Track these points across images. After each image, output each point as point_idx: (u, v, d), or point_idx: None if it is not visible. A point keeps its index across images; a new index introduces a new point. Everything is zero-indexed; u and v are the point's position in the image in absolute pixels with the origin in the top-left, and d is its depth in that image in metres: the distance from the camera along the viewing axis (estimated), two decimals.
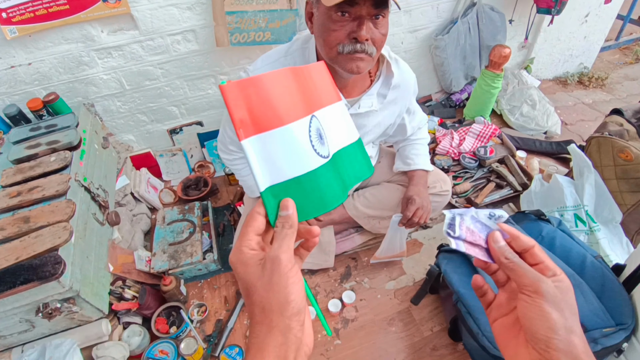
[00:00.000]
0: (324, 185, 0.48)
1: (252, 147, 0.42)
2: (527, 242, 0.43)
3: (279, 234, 0.41)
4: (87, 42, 1.58)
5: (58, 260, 1.12)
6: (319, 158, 0.48)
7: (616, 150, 1.50)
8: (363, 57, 0.95)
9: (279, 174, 0.44)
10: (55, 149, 1.42)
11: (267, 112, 0.43)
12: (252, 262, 0.40)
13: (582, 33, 2.65)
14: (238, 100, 0.41)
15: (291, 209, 0.43)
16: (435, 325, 1.47)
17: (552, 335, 0.37)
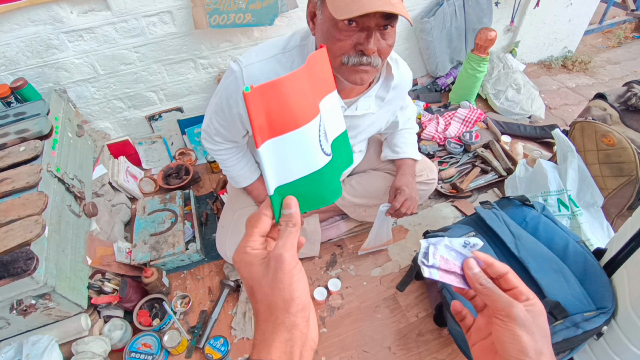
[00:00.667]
0: (327, 181, 0.49)
1: (267, 152, 0.41)
2: (501, 269, 0.46)
3: (283, 232, 0.42)
4: (55, 23, 1.49)
5: (30, 256, 1.07)
6: (324, 156, 0.48)
7: (599, 135, 1.51)
8: (368, 69, 0.91)
9: (288, 175, 0.44)
10: (24, 138, 1.35)
11: (284, 116, 0.41)
12: (256, 262, 0.41)
13: (567, 16, 2.64)
14: (259, 106, 0.39)
15: (294, 208, 0.44)
16: (420, 311, 1.48)
17: (523, 357, 0.40)
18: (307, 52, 1.04)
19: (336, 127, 0.53)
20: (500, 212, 1.33)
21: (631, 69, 2.84)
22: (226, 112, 1.14)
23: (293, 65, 1.05)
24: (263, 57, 1.05)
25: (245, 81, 1.04)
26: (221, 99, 1.12)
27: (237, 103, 1.09)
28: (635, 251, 1.00)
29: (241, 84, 1.04)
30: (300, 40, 1.06)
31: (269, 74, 1.04)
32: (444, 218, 1.80)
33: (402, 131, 1.46)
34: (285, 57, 1.05)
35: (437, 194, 1.88)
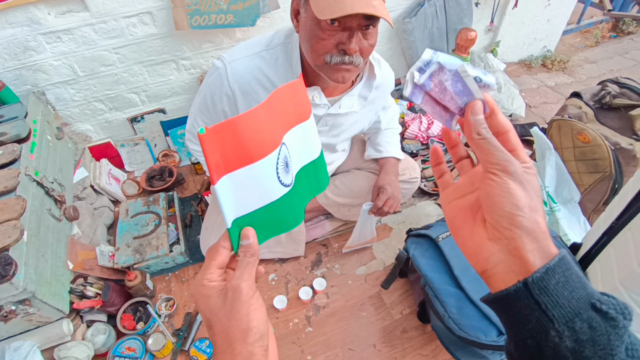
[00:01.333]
0: (284, 211, 0.50)
1: (223, 187, 0.42)
2: (504, 124, 0.38)
3: (241, 263, 0.42)
4: (33, 25, 1.46)
5: (9, 261, 1.06)
6: (282, 188, 0.49)
7: (575, 132, 1.55)
8: (350, 68, 0.93)
9: (244, 207, 0.45)
10: (2, 142, 1.33)
11: (239, 152, 0.42)
12: (213, 293, 0.41)
13: (546, 16, 2.70)
14: (214, 145, 0.40)
15: (252, 238, 0.44)
16: (405, 308, 1.50)
17: (517, 212, 0.36)
18: (291, 49, 1.04)
19: (307, 155, 0.55)
20: None
21: (608, 68, 2.92)
22: (211, 109, 1.14)
23: (277, 62, 1.05)
24: (247, 53, 1.06)
25: (229, 78, 1.04)
26: (205, 96, 1.12)
27: (221, 100, 1.09)
28: (606, 245, 1.03)
29: (225, 81, 1.05)
30: (285, 37, 1.07)
31: (253, 71, 1.05)
32: (428, 216, 1.82)
33: (385, 131, 1.48)
34: (269, 54, 1.06)
35: (421, 192, 1.91)
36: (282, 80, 1.06)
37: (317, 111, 1.13)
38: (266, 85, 1.07)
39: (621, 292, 0.94)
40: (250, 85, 1.06)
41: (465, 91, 0.38)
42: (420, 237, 1.39)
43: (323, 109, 1.14)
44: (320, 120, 1.17)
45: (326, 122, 1.19)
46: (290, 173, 0.51)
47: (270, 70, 1.05)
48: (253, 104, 1.08)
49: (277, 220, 0.50)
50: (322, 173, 0.59)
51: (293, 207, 0.52)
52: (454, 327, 1.13)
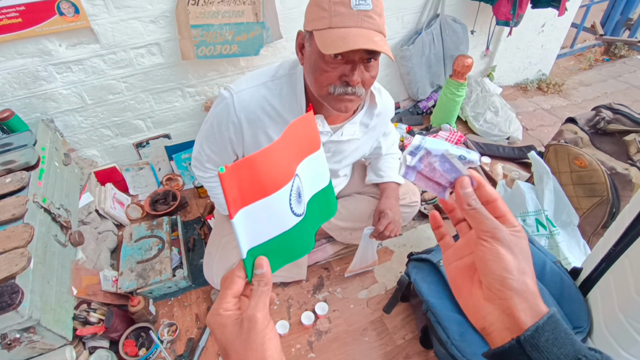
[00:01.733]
0: (296, 239, 0.52)
1: (240, 220, 0.43)
2: (492, 194, 0.43)
3: (256, 292, 0.44)
4: (44, 56, 1.52)
5: (15, 290, 1.07)
6: (294, 218, 0.51)
7: (571, 157, 1.58)
8: (352, 98, 0.97)
9: (258, 237, 0.47)
10: (10, 170, 1.36)
11: (255, 186, 0.44)
12: (229, 322, 0.42)
13: (540, 42, 2.78)
14: (232, 182, 0.42)
15: (265, 267, 0.45)
16: (407, 333, 1.50)
17: (507, 274, 0.39)
18: (295, 80, 1.08)
19: (318, 183, 0.57)
20: None
21: (602, 91, 2.98)
22: (217, 137, 1.17)
23: (282, 92, 1.10)
24: (253, 84, 1.10)
25: (236, 107, 1.08)
26: (212, 125, 1.16)
27: (227, 128, 1.12)
28: (606, 272, 1.05)
29: (232, 110, 1.08)
30: (289, 69, 1.12)
31: (259, 100, 1.09)
32: (428, 239, 1.84)
33: (385, 156, 1.51)
34: (274, 85, 1.10)
35: (421, 216, 1.93)
36: (287, 109, 1.10)
37: (321, 138, 1.16)
38: (271, 114, 1.11)
39: (620, 319, 0.95)
40: (256, 114, 1.10)
41: (452, 169, 0.44)
42: (422, 261, 1.41)
43: (326, 136, 1.17)
44: (323, 147, 1.20)
45: (329, 148, 1.22)
46: (302, 203, 0.53)
47: (276, 99, 1.10)
48: (258, 132, 1.12)
49: (290, 248, 0.51)
50: (331, 199, 0.61)
51: (304, 235, 0.54)
52: (456, 353, 1.13)
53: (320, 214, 0.59)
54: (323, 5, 0.88)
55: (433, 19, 2.20)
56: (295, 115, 1.10)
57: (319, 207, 0.58)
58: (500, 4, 2.08)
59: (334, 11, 0.87)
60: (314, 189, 0.58)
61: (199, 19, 1.59)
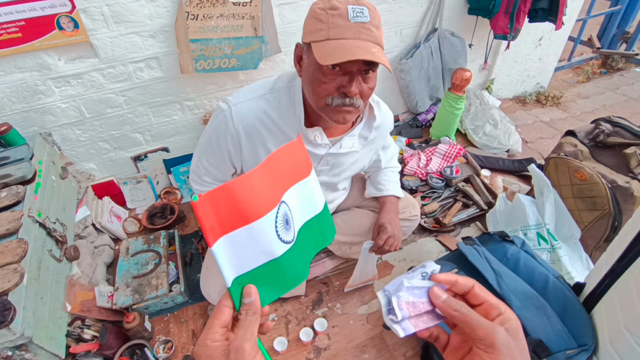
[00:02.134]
0: (287, 268, 0.50)
1: (221, 248, 0.43)
2: (466, 284, 0.43)
3: (243, 322, 0.43)
4: (42, 70, 1.52)
5: (7, 306, 1.04)
6: (282, 245, 0.49)
7: (572, 170, 1.57)
8: (350, 110, 0.97)
9: (244, 265, 0.46)
10: (6, 184, 1.34)
11: (234, 214, 0.44)
12: (216, 354, 0.41)
13: (537, 55, 2.80)
14: (208, 210, 0.42)
15: (254, 296, 0.45)
16: (408, 350, 1.46)
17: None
18: (293, 93, 1.08)
19: (310, 210, 0.56)
20: (481, 249, 1.36)
21: (600, 103, 2.99)
22: (216, 150, 1.16)
23: (280, 104, 1.09)
24: (251, 96, 1.10)
25: (234, 119, 1.08)
26: (210, 137, 1.15)
27: (226, 140, 1.12)
28: (610, 288, 1.03)
29: (230, 122, 1.08)
30: (288, 81, 1.12)
31: (257, 112, 1.09)
32: (428, 253, 1.82)
33: (385, 170, 1.50)
34: (272, 97, 1.10)
35: (421, 229, 1.91)
36: (285, 122, 1.09)
37: (319, 151, 1.16)
38: (270, 127, 1.10)
39: (626, 336, 0.93)
40: (254, 127, 1.09)
41: (423, 290, 0.43)
42: None
43: (324, 149, 1.16)
44: (321, 160, 1.19)
45: (327, 161, 1.21)
46: (292, 230, 0.52)
47: (274, 112, 1.09)
48: (257, 145, 1.11)
49: (281, 278, 0.50)
50: (327, 225, 0.60)
51: (296, 264, 0.52)
52: None
53: (315, 241, 0.58)
54: (321, 18, 0.88)
55: (431, 33, 2.22)
56: (293, 127, 1.10)
57: (312, 235, 0.57)
58: (497, 18, 2.10)
59: (331, 23, 0.87)
60: (306, 216, 0.56)
61: (198, 33, 1.60)
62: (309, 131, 1.09)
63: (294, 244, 0.52)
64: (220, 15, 1.59)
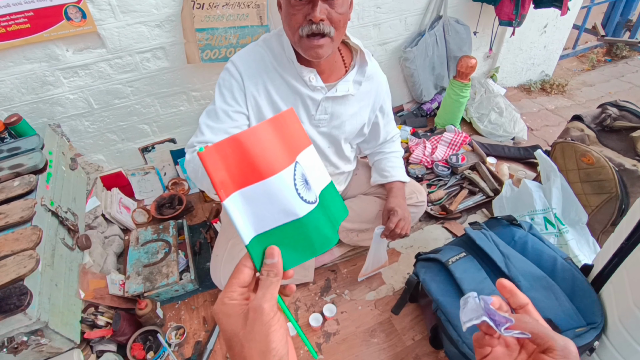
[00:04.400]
0: (313, 231, 0.49)
1: (234, 204, 0.43)
2: (523, 299, 0.44)
3: (264, 282, 0.42)
4: (51, 61, 1.53)
5: (24, 291, 1.07)
6: (305, 205, 0.48)
7: (579, 154, 1.57)
8: (322, 42, 1.01)
9: (263, 223, 0.45)
10: (19, 173, 1.36)
11: (246, 168, 0.43)
12: (234, 313, 0.40)
13: (542, 43, 2.78)
14: (216, 162, 0.41)
15: (277, 257, 0.44)
16: (416, 334, 1.48)
17: None
18: (283, 40, 1.14)
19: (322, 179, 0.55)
20: (489, 232, 1.37)
21: (605, 91, 2.98)
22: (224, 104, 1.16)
23: (274, 50, 1.16)
24: (248, 49, 1.19)
25: (236, 63, 1.15)
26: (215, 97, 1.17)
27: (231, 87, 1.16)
28: (618, 267, 1.03)
29: (233, 69, 1.15)
30: (278, 32, 1.19)
31: (254, 55, 1.16)
32: (435, 240, 1.83)
33: (388, 156, 1.51)
34: (265, 44, 1.18)
35: (428, 216, 1.92)
36: (280, 64, 1.15)
37: (315, 95, 1.19)
38: (268, 69, 1.16)
39: (636, 314, 0.94)
40: (255, 69, 1.15)
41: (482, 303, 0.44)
42: (430, 261, 1.40)
43: (320, 93, 1.19)
44: (319, 107, 1.22)
45: (325, 109, 1.23)
46: (313, 191, 0.50)
47: (269, 56, 1.16)
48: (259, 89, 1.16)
49: (307, 241, 0.48)
50: (340, 199, 0.59)
51: (323, 227, 0.50)
52: (468, 352, 1.12)
53: (335, 211, 0.56)
54: None
55: (436, 21, 2.21)
56: (288, 70, 1.15)
57: (332, 204, 0.55)
58: (502, 4, 2.09)
59: None
60: (322, 183, 0.55)
61: (204, 22, 1.61)
62: (303, 70, 1.13)
63: (317, 206, 0.50)
64: (225, 4, 1.59)
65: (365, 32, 2.10)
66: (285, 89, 1.18)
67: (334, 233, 0.53)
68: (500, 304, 0.45)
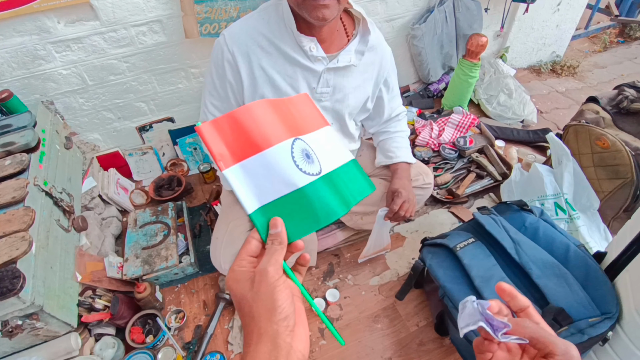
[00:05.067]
0: (316, 201, 0.51)
1: (234, 175, 0.46)
2: (523, 302, 0.46)
3: (269, 250, 0.46)
4: (42, 34, 1.45)
5: (16, 274, 1.03)
6: (306, 176, 0.51)
7: (593, 138, 1.51)
8: (327, 2, 0.95)
9: (265, 195, 0.48)
10: (10, 152, 1.31)
11: (244, 142, 0.47)
12: (242, 278, 0.44)
13: (555, 22, 2.68)
14: (215, 137, 0.45)
15: (280, 227, 0.47)
16: (421, 320, 1.45)
17: None
18: (281, 9, 1.08)
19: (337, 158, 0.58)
20: (498, 218, 1.32)
21: (618, 73, 2.89)
22: (218, 86, 1.16)
23: (270, 19, 1.09)
24: (242, 20, 1.13)
25: (227, 42, 1.09)
26: (211, 74, 1.16)
27: (224, 69, 1.12)
28: (636, 255, 0.99)
29: (224, 47, 1.09)
30: (275, 0, 1.12)
31: (248, 30, 1.10)
32: (441, 224, 1.78)
33: (394, 136, 1.45)
34: (261, 15, 1.11)
35: (433, 200, 1.87)
36: (276, 35, 1.08)
37: (316, 66, 1.13)
38: (263, 44, 1.09)
39: None
40: (247, 45, 1.09)
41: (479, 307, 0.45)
42: (437, 246, 1.36)
43: (322, 64, 1.14)
44: (320, 79, 1.17)
45: (327, 81, 1.18)
46: (317, 164, 0.53)
47: (264, 27, 1.09)
48: (253, 66, 1.10)
49: (310, 212, 0.50)
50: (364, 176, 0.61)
51: (327, 199, 0.52)
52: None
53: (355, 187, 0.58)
54: None
55: None
56: (286, 40, 1.08)
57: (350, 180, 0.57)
58: None
59: None
60: (338, 160, 0.58)
61: None
62: (303, 38, 1.07)
63: (321, 178, 0.52)
64: None
65: (371, 8, 2.00)
66: (283, 61, 1.11)
67: (341, 205, 0.54)
68: (500, 308, 0.46)
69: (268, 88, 1.13)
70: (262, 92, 1.13)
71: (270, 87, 1.13)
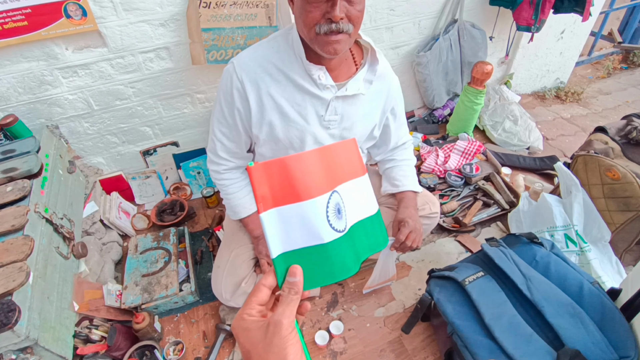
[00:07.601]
0: (335, 258, 0.51)
1: (269, 219, 0.47)
2: None
3: (285, 299, 0.45)
4: (49, 60, 1.46)
5: (12, 307, 0.99)
6: (333, 232, 0.51)
7: (603, 169, 1.49)
8: (340, 38, 0.96)
9: (291, 242, 0.48)
10: (12, 178, 1.29)
11: (287, 189, 0.48)
12: (253, 327, 0.43)
13: (558, 49, 2.70)
14: (262, 178, 0.46)
15: (299, 276, 0.46)
16: (428, 355, 1.40)
17: None
18: (291, 36, 1.08)
19: (364, 209, 0.59)
20: (508, 251, 1.28)
21: (622, 99, 2.88)
22: (227, 114, 1.16)
23: (280, 48, 1.10)
24: (251, 49, 1.13)
25: (237, 70, 1.09)
26: (220, 102, 1.16)
27: (233, 97, 1.12)
28: None
29: (233, 75, 1.10)
30: (286, 29, 1.13)
31: (257, 59, 1.10)
32: (448, 254, 1.74)
33: (400, 164, 1.43)
34: (270, 44, 1.12)
35: (440, 229, 1.83)
36: (285, 64, 1.09)
37: (325, 94, 1.13)
38: (272, 72, 1.09)
39: None
40: (256, 73, 1.09)
41: None
42: (445, 279, 1.32)
43: (330, 92, 1.13)
44: (329, 107, 1.16)
45: (335, 109, 1.17)
46: (344, 220, 0.54)
47: (274, 56, 1.10)
48: (262, 94, 1.10)
49: (327, 266, 0.51)
50: (380, 230, 0.61)
51: (345, 256, 0.53)
52: None
53: (369, 242, 0.59)
54: None
55: (451, 25, 2.13)
56: (295, 69, 1.08)
57: (366, 234, 0.58)
58: (521, 9, 2.01)
59: None
60: (360, 215, 0.58)
61: (211, 22, 1.53)
62: (312, 67, 1.07)
63: (344, 235, 0.53)
64: (233, 3, 1.52)
65: (377, 35, 2.02)
66: (292, 89, 1.11)
67: (355, 263, 0.55)
68: None
69: (276, 115, 1.12)
70: (270, 119, 1.13)
71: (278, 114, 1.12)
